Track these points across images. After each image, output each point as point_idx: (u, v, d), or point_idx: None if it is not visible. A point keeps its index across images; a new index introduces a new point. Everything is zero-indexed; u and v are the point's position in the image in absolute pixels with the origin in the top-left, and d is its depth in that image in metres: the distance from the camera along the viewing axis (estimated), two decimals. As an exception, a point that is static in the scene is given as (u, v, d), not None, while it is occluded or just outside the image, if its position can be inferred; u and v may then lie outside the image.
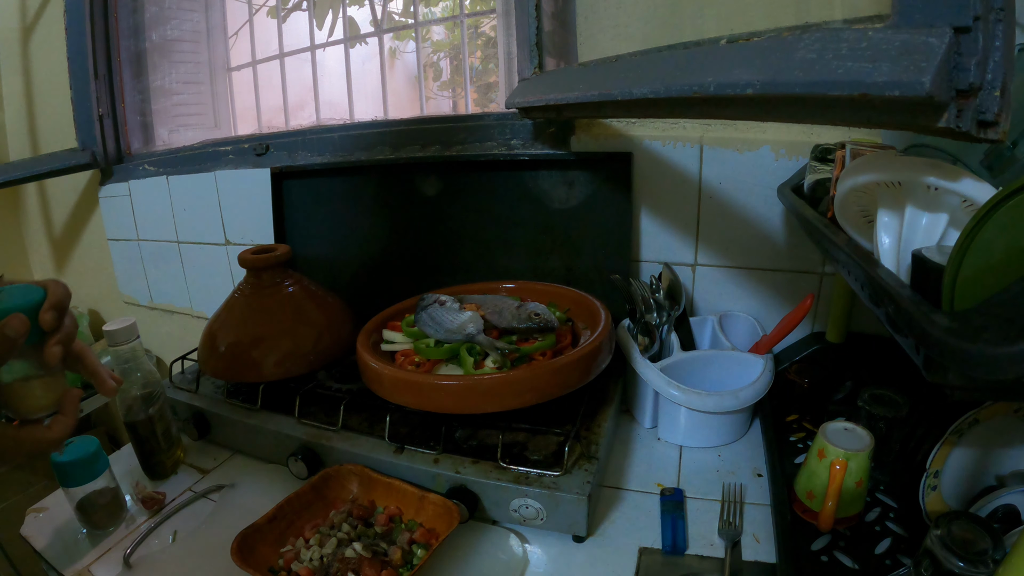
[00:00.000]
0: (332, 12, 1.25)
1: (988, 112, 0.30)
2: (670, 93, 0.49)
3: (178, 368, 0.89)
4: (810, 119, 0.40)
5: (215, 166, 1.23)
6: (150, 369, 0.73)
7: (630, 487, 0.69)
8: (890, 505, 0.61)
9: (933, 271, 0.33)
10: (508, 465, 0.62)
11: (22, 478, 1.42)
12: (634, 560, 0.58)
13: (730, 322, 0.88)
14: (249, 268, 0.82)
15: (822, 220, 0.53)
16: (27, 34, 1.50)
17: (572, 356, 0.64)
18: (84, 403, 1.28)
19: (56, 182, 1.54)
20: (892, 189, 0.42)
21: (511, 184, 0.93)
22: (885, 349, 0.71)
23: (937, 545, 0.41)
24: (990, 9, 0.29)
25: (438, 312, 0.73)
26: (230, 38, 1.39)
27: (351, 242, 1.08)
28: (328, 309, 0.84)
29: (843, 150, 0.53)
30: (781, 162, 0.80)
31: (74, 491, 0.62)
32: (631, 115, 0.80)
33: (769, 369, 0.75)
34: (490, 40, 1.19)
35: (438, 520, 0.60)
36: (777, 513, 0.60)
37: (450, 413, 0.64)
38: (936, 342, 0.28)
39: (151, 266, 1.45)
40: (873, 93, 0.32)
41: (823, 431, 0.59)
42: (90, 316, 1.64)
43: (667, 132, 0.85)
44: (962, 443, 0.54)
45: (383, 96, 1.23)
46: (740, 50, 0.45)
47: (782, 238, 0.83)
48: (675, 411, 0.75)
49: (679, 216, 0.88)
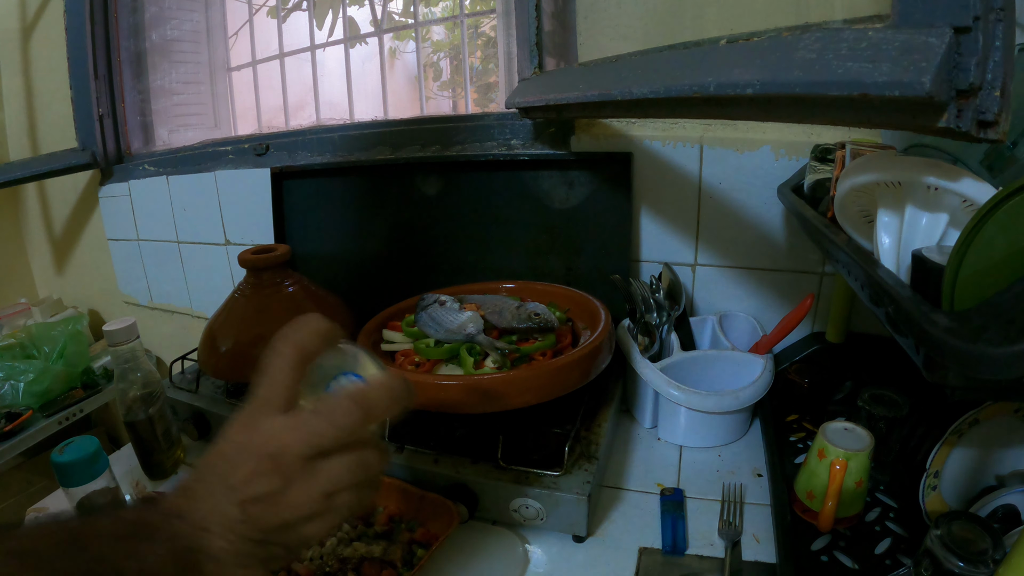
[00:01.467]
0: (332, 12, 1.25)
1: (988, 112, 0.30)
2: (670, 93, 0.49)
3: (178, 368, 0.89)
4: (810, 119, 0.40)
5: (215, 166, 1.23)
6: (150, 369, 0.73)
7: (630, 487, 0.69)
8: (890, 505, 0.61)
9: (933, 271, 0.33)
10: (508, 465, 0.62)
11: (22, 478, 1.42)
12: (634, 560, 0.58)
13: (730, 322, 0.88)
14: (249, 268, 0.82)
15: (822, 220, 0.53)
16: (27, 34, 1.49)
17: (572, 356, 0.64)
18: (84, 403, 1.28)
19: (56, 182, 1.54)
20: (892, 189, 0.42)
21: (511, 184, 0.93)
22: (885, 349, 0.71)
23: (937, 545, 0.41)
24: (990, 9, 0.29)
25: (438, 312, 0.73)
26: (230, 38, 1.39)
27: (351, 242, 1.08)
28: (328, 309, 0.84)
29: (843, 150, 0.53)
30: (781, 162, 0.80)
31: (74, 491, 0.62)
32: (631, 115, 0.80)
33: (769, 369, 0.75)
34: (490, 40, 1.19)
35: (438, 520, 0.60)
36: (777, 513, 0.60)
37: (450, 413, 0.64)
38: (936, 342, 0.28)
39: (151, 266, 1.45)
40: (873, 93, 0.32)
41: (823, 431, 0.59)
42: (90, 316, 1.64)
43: (667, 132, 0.85)
44: (962, 443, 0.54)
45: (383, 96, 1.23)
46: (740, 50, 0.45)
47: (782, 238, 0.83)
48: (675, 411, 0.75)
49: (679, 216, 0.88)
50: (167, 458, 0.75)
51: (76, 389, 1.29)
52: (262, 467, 0.33)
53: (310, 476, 0.34)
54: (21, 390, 1.18)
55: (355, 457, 0.35)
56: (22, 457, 1.27)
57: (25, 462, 1.42)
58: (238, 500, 0.33)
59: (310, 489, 0.34)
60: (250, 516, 0.33)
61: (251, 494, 0.33)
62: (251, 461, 0.34)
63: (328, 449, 0.34)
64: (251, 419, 0.35)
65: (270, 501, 0.33)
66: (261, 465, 0.33)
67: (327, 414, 0.34)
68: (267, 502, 0.33)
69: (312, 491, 0.34)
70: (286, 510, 0.34)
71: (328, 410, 0.35)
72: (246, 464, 0.34)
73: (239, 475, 0.34)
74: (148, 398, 0.72)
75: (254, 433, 0.35)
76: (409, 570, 0.55)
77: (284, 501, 0.33)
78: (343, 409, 0.35)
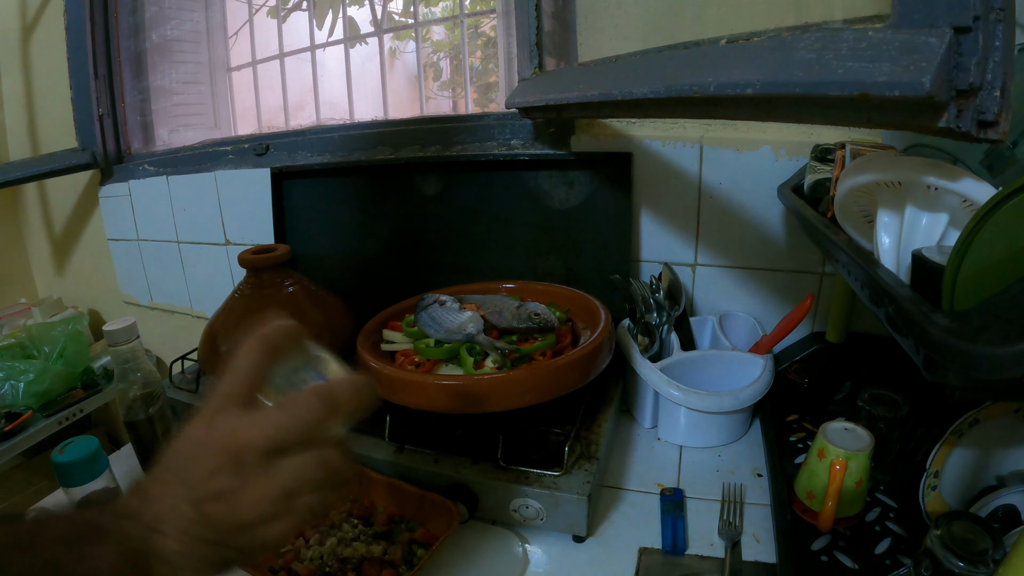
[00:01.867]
0: (332, 12, 1.25)
1: (988, 112, 0.30)
2: (670, 93, 0.49)
3: (178, 368, 0.89)
4: (810, 119, 0.40)
5: (215, 166, 1.23)
6: (150, 369, 0.73)
7: (630, 487, 0.69)
8: (890, 505, 0.61)
9: (933, 271, 0.33)
10: (508, 465, 0.62)
11: (22, 478, 1.42)
12: (634, 560, 0.58)
13: (730, 322, 0.88)
14: (249, 268, 0.82)
15: (822, 220, 0.53)
16: (27, 34, 1.49)
17: (572, 356, 0.64)
18: (84, 403, 1.28)
19: (56, 182, 1.54)
20: (892, 189, 0.42)
21: (511, 184, 0.93)
22: (885, 349, 0.71)
23: (937, 545, 0.41)
24: (990, 9, 0.29)
25: (438, 312, 0.73)
26: (230, 38, 1.39)
27: (351, 242, 1.08)
28: (328, 309, 0.84)
29: (843, 150, 0.53)
30: (781, 162, 0.80)
31: (74, 491, 0.62)
32: (631, 115, 0.80)
33: (769, 369, 0.75)
34: (490, 40, 1.19)
35: (438, 520, 0.60)
36: (777, 513, 0.60)
37: (450, 413, 0.64)
38: (936, 342, 0.28)
39: (151, 266, 1.45)
40: (873, 93, 0.32)
41: (823, 431, 0.59)
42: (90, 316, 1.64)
43: (667, 132, 0.85)
44: (962, 443, 0.54)
45: (383, 96, 1.23)
46: (740, 50, 0.45)
47: (782, 238, 0.83)
48: (675, 411, 0.75)
49: (679, 216, 0.88)
50: (167, 458, 0.75)
51: (76, 389, 1.29)
52: (219, 463, 0.32)
53: (269, 473, 0.32)
54: (21, 390, 1.18)
55: (317, 455, 0.34)
56: (22, 457, 1.27)
57: (25, 462, 1.42)
58: (194, 498, 0.32)
59: (269, 487, 0.32)
60: (205, 515, 0.32)
61: (207, 491, 0.32)
62: (208, 457, 0.32)
63: (289, 445, 0.33)
64: (210, 414, 0.34)
65: (227, 499, 0.32)
66: (218, 461, 0.32)
67: (289, 408, 0.33)
68: (224, 500, 0.32)
69: (271, 489, 0.32)
70: (244, 509, 0.32)
71: (290, 404, 0.33)
72: (203, 460, 0.32)
73: (195, 472, 0.32)
74: (148, 398, 0.72)
75: (213, 429, 0.33)
76: (409, 570, 0.55)
77: (242, 499, 0.32)
78: (306, 404, 0.33)
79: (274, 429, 0.33)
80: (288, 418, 0.33)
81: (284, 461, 0.33)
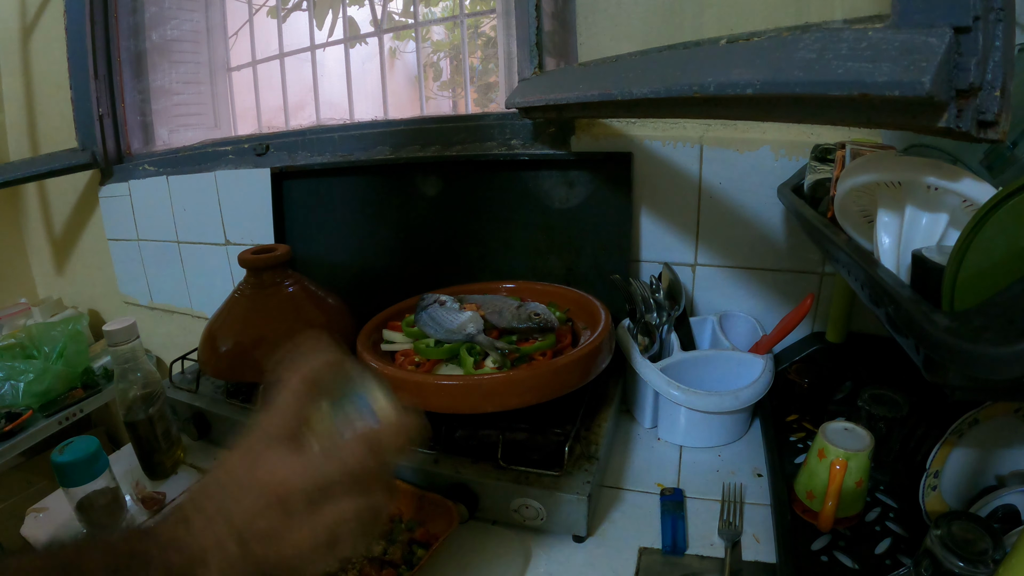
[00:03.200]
0: (332, 12, 1.25)
1: (988, 112, 0.30)
2: (670, 93, 0.49)
3: (178, 368, 0.89)
4: (810, 119, 0.40)
5: (215, 166, 1.23)
6: (150, 369, 0.73)
7: (630, 487, 0.69)
8: (890, 505, 0.61)
9: (933, 271, 0.33)
10: (508, 465, 0.62)
11: (22, 478, 1.42)
12: (634, 560, 0.58)
13: (730, 322, 0.88)
14: (249, 268, 0.82)
15: (822, 220, 0.53)
16: (27, 34, 1.49)
17: (572, 356, 0.64)
18: (84, 403, 1.28)
19: (56, 182, 1.54)
20: (892, 189, 0.42)
21: (511, 184, 0.93)
22: (885, 349, 0.71)
23: (937, 545, 0.41)
24: (990, 9, 0.29)
25: (438, 312, 0.73)
26: (230, 38, 1.39)
27: (351, 242, 1.08)
28: (328, 309, 0.84)
29: (843, 150, 0.53)
30: (781, 162, 0.80)
31: (74, 491, 0.62)
32: (631, 115, 0.80)
33: (769, 369, 0.75)
34: (490, 40, 1.19)
35: (438, 520, 0.60)
36: (777, 513, 0.60)
37: (450, 413, 0.64)
38: (936, 342, 0.28)
39: (151, 266, 1.45)
40: (873, 93, 0.32)
41: (823, 431, 0.59)
42: (90, 316, 1.64)
43: (667, 132, 0.85)
44: (962, 443, 0.54)
45: (383, 96, 1.23)
46: (740, 50, 0.45)
47: (782, 238, 0.83)
48: (675, 411, 0.75)
49: (679, 216, 0.88)
50: (167, 458, 0.75)
51: (76, 389, 1.29)
52: (266, 504, 0.33)
53: (315, 516, 0.33)
54: (21, 390, 1.18)
55: (363, 501, 0.34)
56: (22, 457, 1.27)
57: (25, 462, 1.42)
58: (239, 536, 0.32)
59: (314, 530, 0.33)
60: (251, 554, 0.32)
61: (253, 531, 0.32)
62: (254, 497, 0.33)
63: (335, 492, 0.34)
64: (254, 451, 0.34)
65: (272, 539, 0.33)
66: (265, 502, 0.33)
67: (335, 459, 0.34)
68: (269, 540, 0.33)
69: (316, 532, 0.33)
70: (288, 549, 0.33)
71: (337, 453, 0.34)
72: (248, 500, 0.33)
73: (241, 511, 0.33)
74: (148, 398, 0.72)
75: (257, 468, 0.34)
76: (409, 570, 0.55)
77: (287, 540, 0.33)
78: (352, 452, 0.34)
79: (321, 478, 0.33)
80: (335, 469, 0.34)
81: (329, 506, 0.33)
